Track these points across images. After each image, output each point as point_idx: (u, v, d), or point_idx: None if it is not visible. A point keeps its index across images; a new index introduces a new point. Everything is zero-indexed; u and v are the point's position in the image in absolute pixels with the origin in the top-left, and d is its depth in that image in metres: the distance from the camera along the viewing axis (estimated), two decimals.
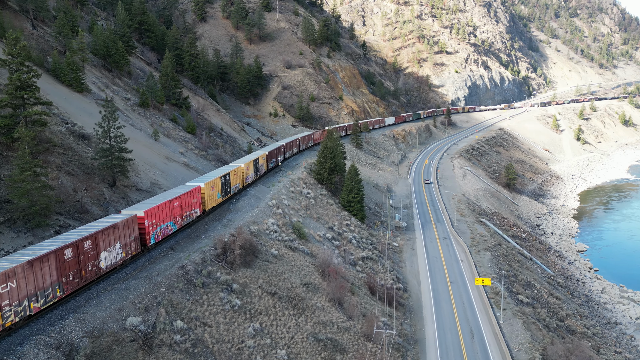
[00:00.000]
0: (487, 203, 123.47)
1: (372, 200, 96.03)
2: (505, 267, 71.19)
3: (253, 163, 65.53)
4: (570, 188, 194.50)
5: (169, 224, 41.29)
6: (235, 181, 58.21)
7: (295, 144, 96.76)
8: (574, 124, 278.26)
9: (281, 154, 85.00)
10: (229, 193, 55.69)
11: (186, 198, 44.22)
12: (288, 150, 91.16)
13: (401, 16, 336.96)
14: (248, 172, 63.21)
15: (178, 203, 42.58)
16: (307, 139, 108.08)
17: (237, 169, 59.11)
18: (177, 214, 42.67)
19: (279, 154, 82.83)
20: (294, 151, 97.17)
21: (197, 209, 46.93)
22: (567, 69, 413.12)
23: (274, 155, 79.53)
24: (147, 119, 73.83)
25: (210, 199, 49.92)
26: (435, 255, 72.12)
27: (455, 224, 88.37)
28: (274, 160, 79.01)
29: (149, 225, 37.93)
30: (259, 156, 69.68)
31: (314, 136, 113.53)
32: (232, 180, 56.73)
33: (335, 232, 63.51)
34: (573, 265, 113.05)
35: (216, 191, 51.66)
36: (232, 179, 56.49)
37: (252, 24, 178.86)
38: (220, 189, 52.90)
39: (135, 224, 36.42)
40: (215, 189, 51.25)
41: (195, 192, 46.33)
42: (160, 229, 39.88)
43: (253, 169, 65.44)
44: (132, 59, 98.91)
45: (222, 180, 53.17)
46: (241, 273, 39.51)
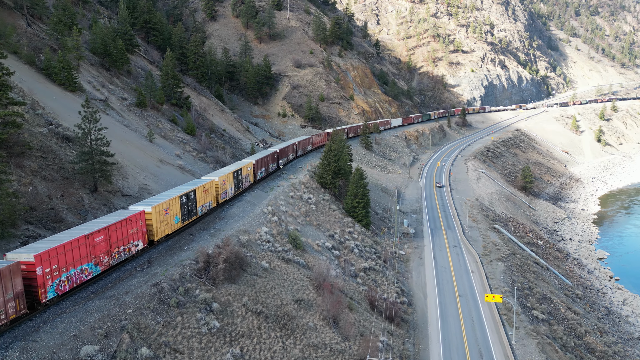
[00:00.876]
0: (502, 208, 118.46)
1: (379, 204, 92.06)
2: (520, 278, 66.69)
3: (233, 175, 56.33)
4: (590, 191, 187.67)
5: (87, 267, 31.80)
6: (205, 199, 48.83)
7: (291, 150, 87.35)
8: (595, 124, 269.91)
9: (273, 161, 75.80)
10: (193, 215, 46.27)
11: (119, 229, 35.10)
12: (282, 156, 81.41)
13: (416, 14, 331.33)
14: (225, 187, 54.01)
15: (103, 237, 33.31)
16: (305, 143, 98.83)
17: (208, 184, 49.58)
18: (102, 251, 33.28)
19: (270, 162, 73.45)
20: (290, 157, 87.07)
21: (139, 241, 37.88)
22: (588, 69, 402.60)
23: (264, 163, 69.94)
24: (143, 120, 71.02)
25: (163, 225, 40.85)
26: (444, 265, 67.94)
27: (467, 230, 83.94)
28: (263, 169, 69.56)
29: (44, 273, 28.22)
30: (243, 166, 60.35)
31: (312, 140, 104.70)
32: (200, 199, 47.59)
33: (336, 240, 59.81)
34: (593, 274, 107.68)
35: (172, 215, 42.44)
36: (199, 197, 47.30)
37: (262, 23, 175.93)
38: (180, 211, 43.67)
39: (17, 275, 26.60)
40: (171, 211, 42.22)
41: (135, 220, 37.06)
42: (69, 276, 30.16)
43: (233, 182, 56.26)
44: (135, 58, 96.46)
45: (184, 199, 44.16)
46: (224, 290, 36.07)
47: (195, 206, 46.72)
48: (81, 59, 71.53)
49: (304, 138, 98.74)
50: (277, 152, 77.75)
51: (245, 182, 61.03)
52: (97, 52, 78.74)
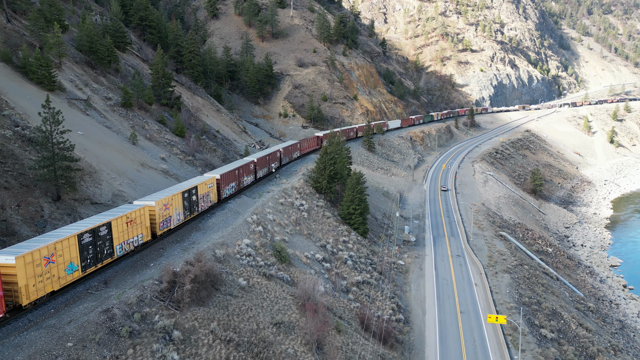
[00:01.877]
0: (510, 212, 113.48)
1: (379, 210, 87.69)
2: (527, 292, 62.04)
3: (183, 197, 44.44)
4: (603, 194, 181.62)
5: None
6: (131, 233, 37.12)
7: (273, 158, 75.09)
8: (607, 125, 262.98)
9: (249, 173, 63.06)
10: (107, 257, 34.37)
11: None
12: (262, 166, 69.13)
13: (424, 13, 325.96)
14: (168, 213, 41.89)
15: None
16: (292, 149, 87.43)
17: (138, 212, 37.70)
18: None
19: (244, 175, 61.15)
20: (272, 168, 74.46)
21: None
22: (600, 68, 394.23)
23: (234, 177, 57.46)
24: (128, 121, 67.30)
25: (42, 280, 28.47)
26: (445, 277, 63.45)
27: (472, 238, 79.30)
28: (233, 185, 57.12)
29: None
30: (200, 184, 48.15)
31: (300, 145, 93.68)
32: (120, 234, 35.63)
33: (328, 251, 55.58)
34: (605, 284, 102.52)
35: (64, 262, 30.30)
36: (118, 231, 35.34)
37: (264, 21, 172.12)
38: (79, 255, 31.49)
39: None
40: (60, 259, 29.85)
41: None
42: None
43: (183, 205, 44.49)
44: (127, 56, 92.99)
45: (86, 238, 32.09)
46: (190, 314, 32.01)
47: (110, 244, 34.60)
48: (63, 57, 67.98)
49: (290, 144, 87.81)
50: (254, 162, 65.56)
51: (204, 203, 49.17)
52: (83, 49, 75.18)
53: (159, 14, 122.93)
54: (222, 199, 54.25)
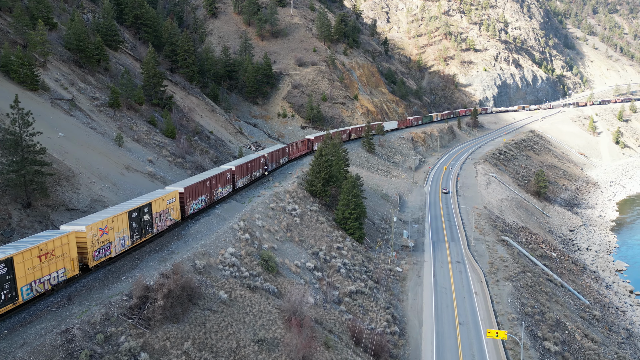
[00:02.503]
0: (513, 215, 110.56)
1: (377, 213, 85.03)
2: (530, 301, 59.26)
3: (129, 217, 37.26)
4: (608, 196, 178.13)
5: None
6: (45, 270, 29.79)
7: (256, 165, 67.49)
8: (613, 125, 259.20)
9: (225, 184, 55.51)
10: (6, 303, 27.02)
11: None
12: (242, 175, 61.65)
13: (427, 12, 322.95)
14: (106, 239, 34.85)
15: None
16: (279, 154, 79.59)
17: (59, 241, 30.86)
18: None
19: (218, 186, 53.71)
20: (255, 175, 66.88)
21: None
22: (605, 68, 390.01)
23: (204, 190, 50.34)
24: (115, 121, 64.91)
25: None
26: (444, 286, 60.73)
27: (473, 244, 76.51)
28: (203, 198, 49.97)
29: None
30: (155, 200, 40.71)
31: (289, 150, 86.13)
32: (27, 273, 28.36)
33: (320, 259, 52.97)
34: (611, 289, 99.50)
35: None
36: (22, 269, 28.06)
37: (264, 20, 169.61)
38: None
39: None
40: None
41: None
42: None
43: (130, 228, 37.55)
44: (119, 55, 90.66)
45: None
46: (161, 333, 29.49)
47: (11, 286, 27.31)
48: (48, 55, 65.63)
49: (277, 148, 79.99)
50: (231, 170, 58.19)
51: (161, 223, 41.96)
52: (71, 47, 72.85)
53: (155, 12, 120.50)
54: (188, 215, 47.16)
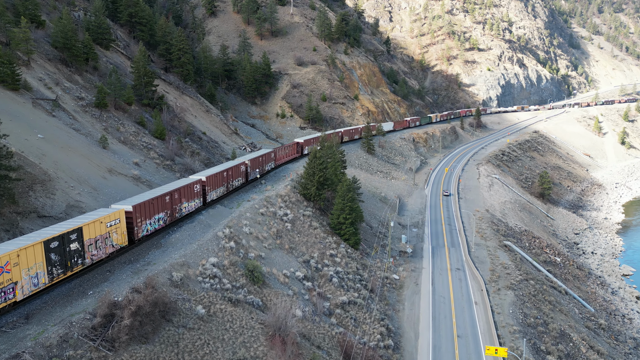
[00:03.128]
0: (516, 219, 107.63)
1: (375, 217, 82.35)
2: (533, 312, 56.50)
3: (46, 248, 30.10)
4: (614, 198, 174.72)
5: None
6: None
7: (234, 174, 59.74)
8: (618, 126, 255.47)
9: (192, 197, 47.41)
10: None
11: None
12: (215, 186, 53.94)
13: (430, 11, 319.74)
14: (9, 278, 27.57)
15: None
16: (264, 160, 71.01)
17: None
18: None
19: (182, 200, 45.89)
20: (232, 186, 59.14)
21: None
22: (611, 67, 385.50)
23: (162, 207, 42.57)
24: (101, 122, 62.51)
25: None
26: (443, 295, 58.00)
27: (473, 249, 73.73)
28: (161, 217, 42.60)
29: None
30: (87, 224, 33.73)
31: (275, 154, 78.53)
32: None
33: (311, 267, 50.35)
34: (617, 295, 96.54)
35: None
36: None
37: (263, 19, 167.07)
38: None
39: None
40: None
41: None
42: None
43: (47, 261, 30.22)
44: (110, 54, 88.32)
45: None
46: (127, 355, 26.98)
47: None
48: (32, 53, 63.30)
49: (262, 153, 71.95)
50: (201, 181, 50.80)
51: (98, 251, 34.84)
52: (58, 46, 70.52)
53: (150, 11, 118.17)
54: (139, 238, 39.71)
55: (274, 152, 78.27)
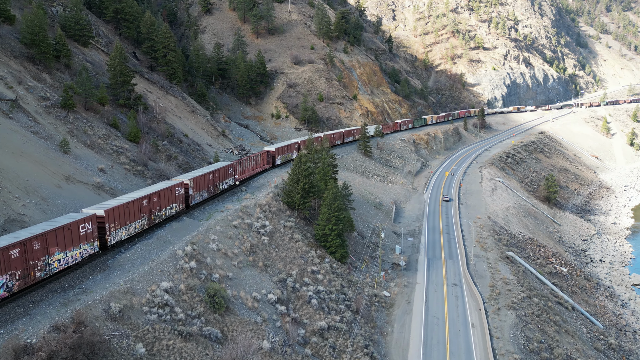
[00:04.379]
0: (520, 225, 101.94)
1: (368, 225, 77.02)
2: (536, 334, 50.99)
3: None
4: (623, 202, 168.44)
5: None
6: None
7: (166, 199, 45.79)
8: (627, 126, 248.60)
9: (76, 243, 34.11)
10: None
11: None
12: (126, 221, 39.88)
13: (434, 10, 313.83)
14: None
15: None
16: (218, 177, 57.88)
17: None
18: None
19: (49, 253, 31.85)
20: (160, 216, 44.90)
21: None
22: (619, 67, 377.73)
23: (13, 266, 29.44)
24: (66, 124, 57.60)
25: None
26: (437, 315, 52.62)
27: (472, 262, 68.24)
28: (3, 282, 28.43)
29: None
30: None
31: (237, 168, 64.61)
32: None
33: (287, 287, 45.10)
34: (627, 308, 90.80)
35: None
36: None
37: (259, 16, 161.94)
38: None
39: None
40: None
41: None
42: None
43: None
44: (89, 51, 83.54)
45: None
46: None
47: None
48: None
49: (215, 168, 58.49)
50: (95, 217, 36.58)
51: None
52: (26, 42, 65.73)
53: (138, 7, 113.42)
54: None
55: (234, 165, 63.86)
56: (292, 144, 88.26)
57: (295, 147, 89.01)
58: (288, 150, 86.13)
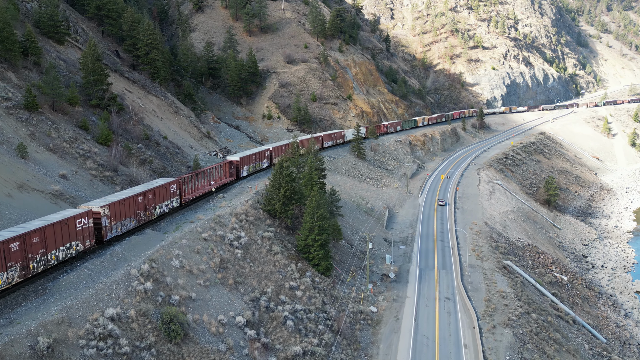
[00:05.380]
0: (519, 231, 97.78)
1: (358, 233, 72.81)
2: (535, 357, 46.77)
3: None
4: (624, 204, 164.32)
5: None
6: None
7: (58, 238, 33.48)
8: (628, 127, 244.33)
9: None
10: None
11: None
12: None
13: (433, 8, 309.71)
14: None
15: None
16: (150, 200, 45.63)
17: None
18: None
19: None
20: (45, 262, 32.21)
21: None
22: (620, 66, 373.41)
23: None
24: (28, 127, 53.40)
25: None
26: (427, 334, 48.41)
27: (467, 272, 64.02)
28: None
29: None
30: None
31: (182, 186, 52.42)
32: None
33: (260, 307, 40.89)
34: (631, 318, 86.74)
35: None
36: None
37: (252, 14, 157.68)
38: None
39: None
40: None
41: None
42: None
43: None
44: (65, 49, 79.36)
45: None
46: None
47: None
48: None
49: (154, 185, 47.11)
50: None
51: None
52: None
53: (123, 3, 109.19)
54: None
55: (179, 182, 51.51)
56: (262, 152, 76.64)
57: (267, 155, 77.88)
58: (257, 159, 74.02)
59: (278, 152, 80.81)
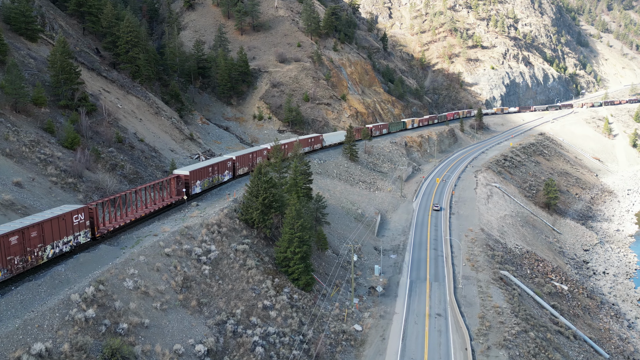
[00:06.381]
0: (517, 237, 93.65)
1: (345, 241, 68.59)
2: None
3: None
4: (626, 206, 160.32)
5: None
6: None
7: None
8: (629, 127, 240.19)
9: None
10: None
11: None
12: None
13: (432, 8, 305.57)
14: None
15: None
16: (47, 233, 33.95)
17: None
18: None
19: None
20: None
21: None
22: (621, 66, 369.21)
23: None
24: None
25: None
26: (414, 356, 44.17)
27: (461, 285, 59.83)
28: None
29: None
30: None
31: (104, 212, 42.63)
32: None
33: (227, 332, 36.66)
34: (634, 329, 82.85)
35: None
36: None
37: (244, 12, 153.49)
38: None
39: None
40: None
41: None
42: None
43: None
44: (38, 47, 75.18)
45: None
46: None
47: None
48: None
49: (45, 217, 34.63)
50: None
51: None
52: None
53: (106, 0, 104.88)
54: None
55: (86, 210, 38.53)
56: (223, 162, 63.56)
57: (228, 165, 64.90)
58: (215, 172, 60.81)
59: (243, 162, 69.32)
